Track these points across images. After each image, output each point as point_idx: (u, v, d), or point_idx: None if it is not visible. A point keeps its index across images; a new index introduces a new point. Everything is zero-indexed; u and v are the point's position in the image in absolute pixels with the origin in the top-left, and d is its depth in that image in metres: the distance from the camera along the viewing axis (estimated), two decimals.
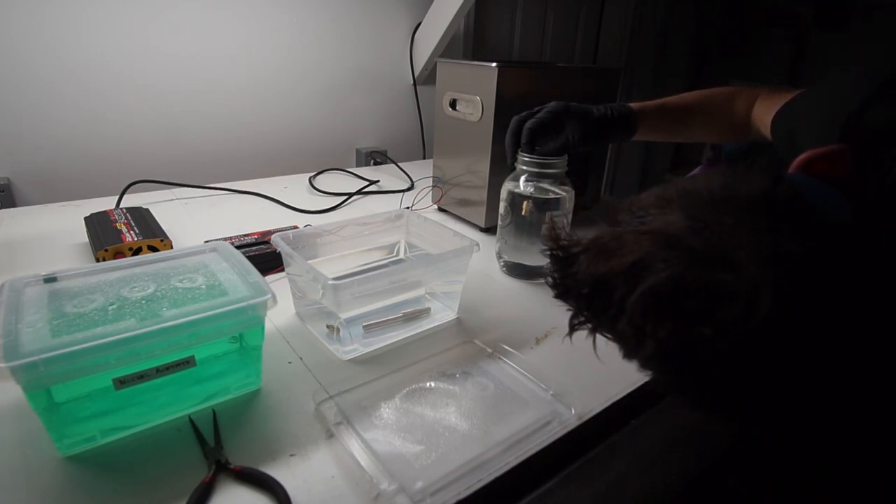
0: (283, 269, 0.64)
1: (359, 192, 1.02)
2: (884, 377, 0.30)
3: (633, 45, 1.93)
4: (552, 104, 0.62)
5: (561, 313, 0.60)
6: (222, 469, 0.37)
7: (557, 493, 0.38)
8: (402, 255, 0.67)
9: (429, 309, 0.57)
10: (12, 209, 0.87)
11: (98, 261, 0.62)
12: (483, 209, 0.82)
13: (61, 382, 0.36)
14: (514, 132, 0.63)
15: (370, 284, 0.49)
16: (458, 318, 0.59)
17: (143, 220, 0.73)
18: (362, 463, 0.37)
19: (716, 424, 0.46)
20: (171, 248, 0.68)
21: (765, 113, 0.61)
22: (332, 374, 0.48)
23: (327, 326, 0.52)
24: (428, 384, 0.47)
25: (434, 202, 0.94)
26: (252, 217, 0.87)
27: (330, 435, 0.41)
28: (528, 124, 0.61)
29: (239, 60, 1.08)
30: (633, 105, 0.65)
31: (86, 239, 0.71)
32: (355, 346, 0.52)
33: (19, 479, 0.36)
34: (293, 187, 1.04)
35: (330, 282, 0.46)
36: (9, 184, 0.90)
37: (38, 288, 0.41)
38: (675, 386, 0.34)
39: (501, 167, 0.78)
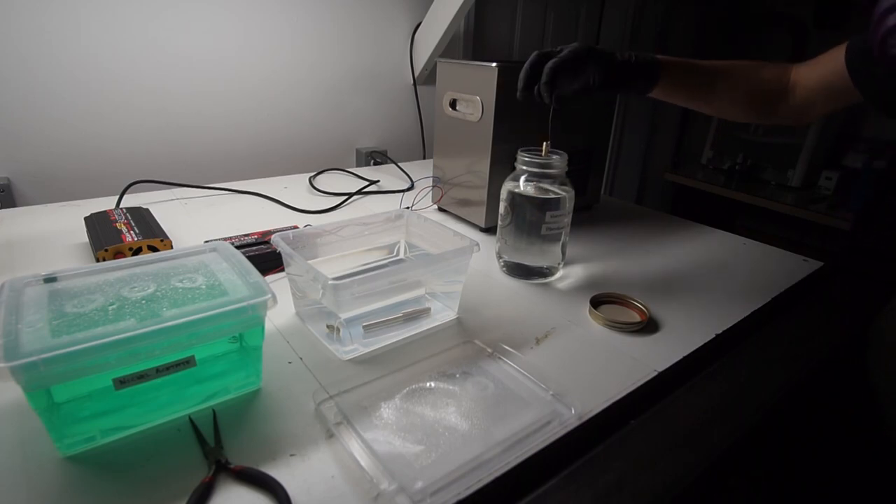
0: (283, 269, 0.64)
1: (359, 192, 1.02)
2: None
3: (633, 44, 1.93)
4: (575, 45, 0.59)
5: (561, 313, 0.61)
6: (222, 469, 0.37)
7: (557, 493, 0.38)
8: (402, 255, 0.67)
9: (429, 309, 0.57)
10: (12, 209, 0.87)
11: (98, 261, 0.62)
12: (483, 209, 0.82)
13: (61, 382, 0.36)
14: (532, 65, 0.60)
15: (370, 284, 0.49)
16: (458, 318, 0.59)
17: (143, 220, 0.73)
18: (362, 463, 0.38)
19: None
20: (171, 248, 0.68)
21: (812, 67, 0.62)
22: (332, 374, 0.48)
23: (327, 326, 0.52)
24: (428, 384, 0.47)
25: (434, 202, 0.94)
26: (252, 217, 0.87)
27: (330, 435, 0.41)
28: (551, 64, 0.58)
29: (239, 60, 1.08)
30: (659, 57, 0.63)
31: (86, 239, 0.72)
32: (355, 346, 0.52)
33: (19, 479, 0.36)
34: (293, 187, 1.04)
35: (330, 282, 0.46)
36: (9, 184, 0.90)
37: (38, 288, 0.41)
38: None
39: (501, 167, 0.78)
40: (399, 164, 1.22)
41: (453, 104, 0.84)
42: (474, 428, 0.41)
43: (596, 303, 0.62)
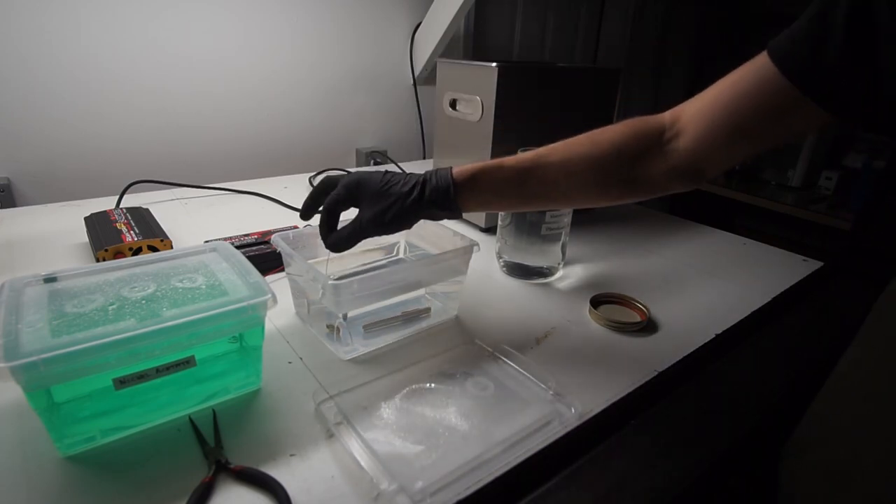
0: (283, 269, 0.64)
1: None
2: None
3: (633, 45, 1.93)
4: (349, 176, 0.49)
5: (561, 313, 0.60)
6: (222, 469, 0.37)
7: (558, 493, 0.38)
8: (402, 255, 0.67)
9: (429, 309, 0.57)
10: (12, 209, 0.87)
11: (98, 261, 0.62)
12: None
13: (61, 382, 0.36)
14: (313, 196, 0.51)
15: (370, 284, 0.49)
16: (458, 318, 0.59)
17: (143, 220, 0.73)
18: (362, 463, 0.37)
19: None
20: (171, 248, 0.68)
21: (706, 100, 0.44)
22: (332, 374, 0.48)
23: (327, 326, 0.52)
24: (428, 384, 0.47)
25: None
26: (252, 217, 0.87)
27: (330, 435, 0.41)
28: (326, 202, 0.49)
29: (239, 60, 1.08)
30: (462, 171, 0.48)
31: (86, 239, 0.71)
32: (355, 346, 0.52)
33: (19, 479, 0.36)
34: (293, 187, 1.04)
35: (330, 282, 0.46)
36: (9, 184, 0.90)
37: (38, 288, 0.41)
38: None
39: None
40: (399, 164, 1.22)
41: (453, 104, 0.84)
42: (474, 428, 0.41)
43: (596, 303, 0.62)
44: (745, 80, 0.42)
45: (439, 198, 0.47)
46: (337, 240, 0.49)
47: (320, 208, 0.50)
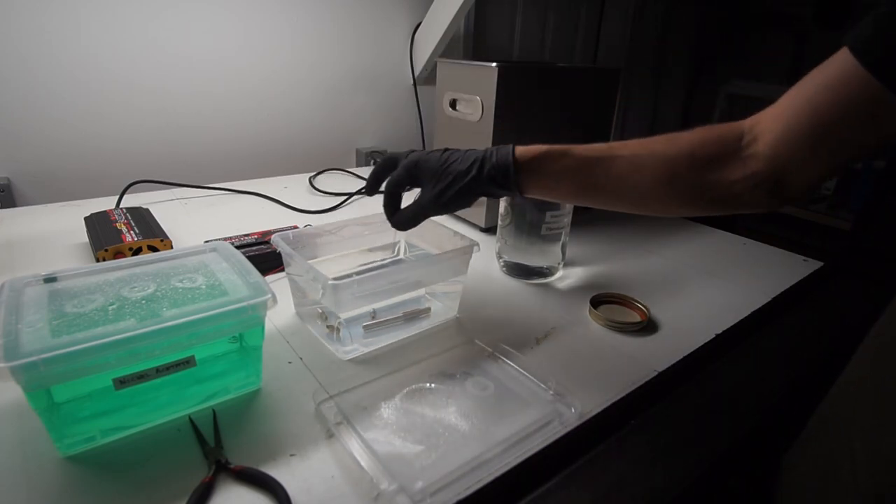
0: (283, 269, 0.64)
1: (359, 192, 1.02)
2: None
3: (633, 45, 1.93)
4: (409, 157, 0.50)
5: (561, 313, 0.60)
6: (222, 469, 0.37)
7: (558, 493, 0.38)
8: (402, 255, 0.67)
9: (429, 309, 0.57)
10: (12, 209, 0.87)
11: (98, 261, 0.62)
12: (483, 209, 0.82)
13: (61, 382, 0.36)
14: (377, 174, 0.53)
15: (370, 284, 0.49)
16: (458, 318, 0.59)
17: (143, 220, 0.73)
18: (362, 463, 0.37)
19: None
20: (171, 248, 0.68)
21: (785, 99, 0.40)
22: (332, 374, 0.48)
23: (327, 326, 0.52)
24: (428, 384, 0.47)
25: None
26: (252, 217, 0.87)
27: (330, 435, 0.41)
28: (386, 184, 0.51)
29: (239, 60, 1.08)
30: (525, 151, 0.47)
31: (86, 239, 0.71)
32: (355, 346, 0.52)
33: (19, 479, 0.36)
34: (293, 187, 1.04)
35: (330, 282, 0.46)
36: (9, 184, 0.90)
37: (38, 288, 0.41)
38: None
39: None
40: None
41: (453, 104, 0.84)
42: (474, 428, 0.41)
43: (596, 303, 0.62)
44: (825, 76, 0.38)
45: (498, 175, 0.47)
46: (401, 219, 0.51)
47: (381, 187, 0.53)
